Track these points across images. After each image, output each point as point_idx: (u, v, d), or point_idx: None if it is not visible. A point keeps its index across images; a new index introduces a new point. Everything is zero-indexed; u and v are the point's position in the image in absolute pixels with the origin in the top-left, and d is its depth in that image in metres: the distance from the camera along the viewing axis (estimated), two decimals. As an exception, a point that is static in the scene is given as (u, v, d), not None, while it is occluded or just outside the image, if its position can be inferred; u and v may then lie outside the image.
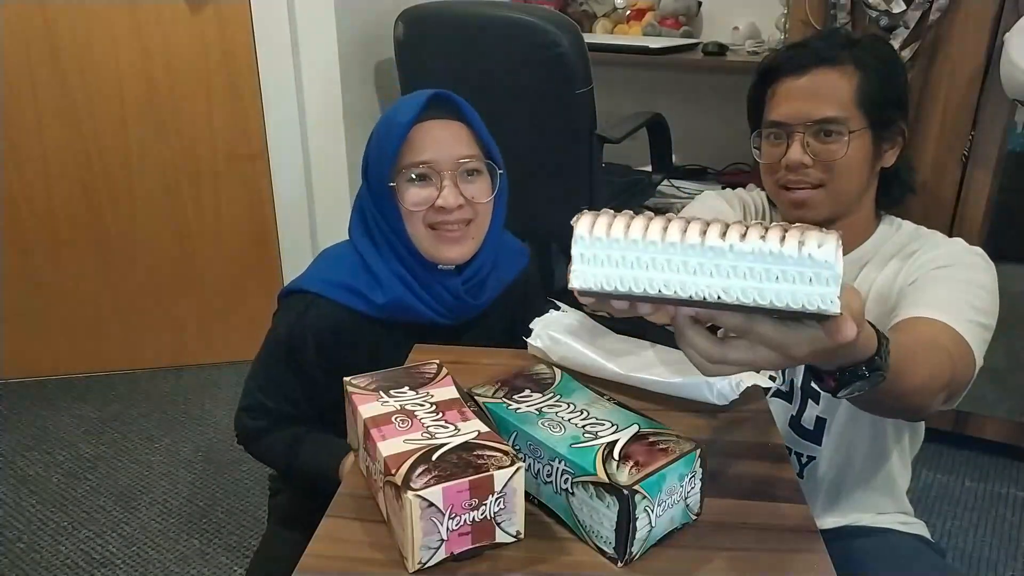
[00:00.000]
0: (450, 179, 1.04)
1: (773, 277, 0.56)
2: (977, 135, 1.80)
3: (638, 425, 0.72)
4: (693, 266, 0.57)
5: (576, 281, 0.61)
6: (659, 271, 0.58)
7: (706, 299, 0.57)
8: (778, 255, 0.55)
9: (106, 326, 2.47)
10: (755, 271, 0.56)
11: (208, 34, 2.25)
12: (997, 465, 2.09)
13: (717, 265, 0.57)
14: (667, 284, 0.58)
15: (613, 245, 0.59)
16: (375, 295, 1.07)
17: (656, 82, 2.72)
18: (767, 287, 0.56)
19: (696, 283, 0.57)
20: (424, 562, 0.65)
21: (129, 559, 1.78)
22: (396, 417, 0.73)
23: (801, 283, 0.55)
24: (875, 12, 1.79)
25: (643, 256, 0.58)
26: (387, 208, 1.07)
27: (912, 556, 1.10)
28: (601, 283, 0.60)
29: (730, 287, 0.57)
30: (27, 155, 2.26)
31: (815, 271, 0.54)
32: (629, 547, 0.66)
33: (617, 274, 0.59)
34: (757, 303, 0.56)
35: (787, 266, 0.55)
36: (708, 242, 0.56)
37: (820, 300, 0.55)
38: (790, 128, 1.06)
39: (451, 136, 1.05)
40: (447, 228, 1.06)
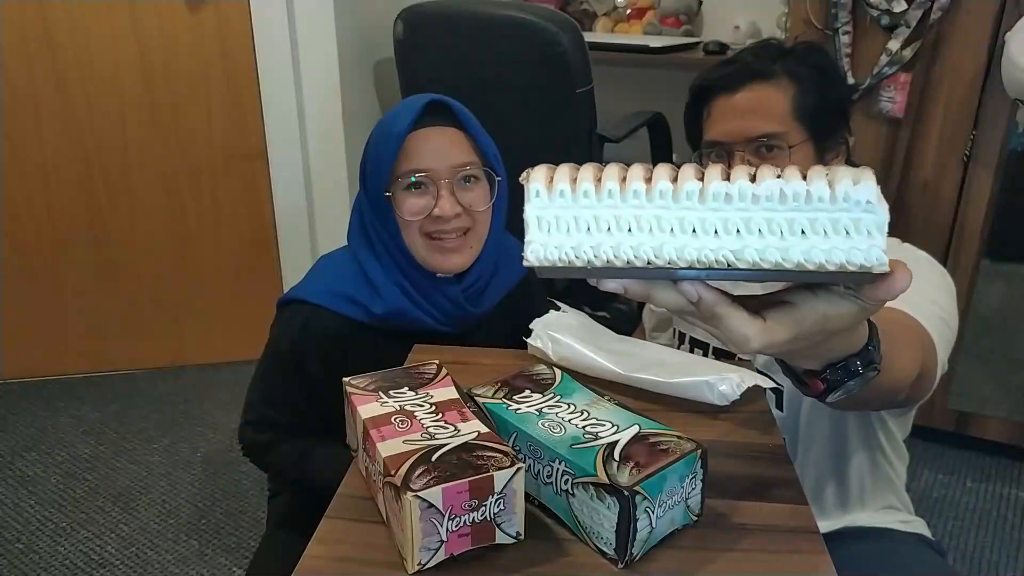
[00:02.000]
0: (447, 187, 1.03)
1: (798, 229, 0.44)
2: (978, 134, 1.80)
3: (639, 426, 0.72)
4: (692, 222, 0.45)
5: (533, 254, 0.48)
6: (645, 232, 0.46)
7: (712, 265, 0.45)
8: (804, 198, 0.43)
9: (105, 326, 2.47)
10: (774, 223, 0.44)
11: (207, 33, 2.25)
12: (998, 466, 2.08)
13: (724, 219, 0.44)
14: (659, 250, 0.46)
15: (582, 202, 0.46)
16: (374, 305, 1.06)
17: (657, 81, 2.72)
18: (792, 244, 0.44)
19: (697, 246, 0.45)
20: (424, 563, 0.65)
21: (128, 560, 1.78)
22: (395, 418, 0.73)
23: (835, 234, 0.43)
24: (876, 11, 1.78)
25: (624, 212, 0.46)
26: (385, 217, 1.05)
27: (912, 556, 1.09)
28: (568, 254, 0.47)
29: (744, 248, 0.45)
30: (26, 155, 2.26)
31: (854, 217, 0.43)
32: (630, 548, 0.65)
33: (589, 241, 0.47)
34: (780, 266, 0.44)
35: (817, 212, 0.43)
36: (709, 188, 0.44)
37: (864, 255, 0.43)
38: (729, 147, 1.05)
39: (448, 143, 1.04)
40: (445, 237, 1.05)
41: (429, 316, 1.08)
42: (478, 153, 1.06)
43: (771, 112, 1.03)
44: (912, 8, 1.75)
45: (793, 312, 0.49)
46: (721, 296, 0.49)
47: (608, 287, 0.49)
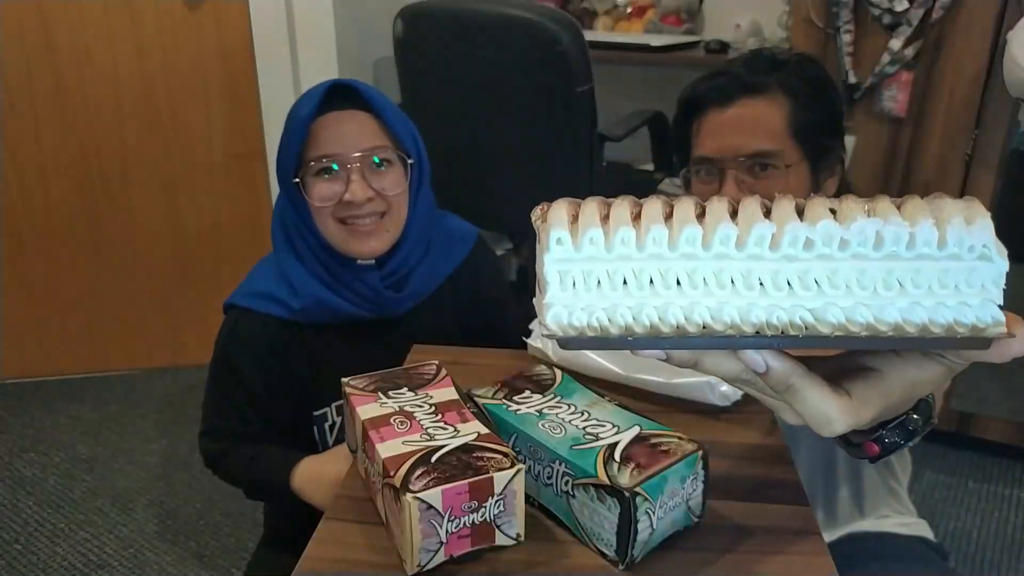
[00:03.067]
0: (357, 172, 1.01)
1: (895, 282, 0.35)
2: (980, 134, 1.80)
3: (639, 426, 0.71)
4: (760, 274, 0.35)
5: (555, 321, 0.37)
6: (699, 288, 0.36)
7: (785, 330, 0.36)
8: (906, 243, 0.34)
9: (103, 327, 2.47)
10: (866, 274, 0.35)
11: (206, 32, 2.25)
12: (1000, 466, 2.08)
13: (802, 270, 0.35)
14: (717, 311, 0.36)
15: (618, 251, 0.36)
16: (292, 300, 1.06)
17: (657, 80, 2.71)
18: (888, 301, 0.35)
19: (767, 304, 0.36)
20: (423, 565, 0.64)
21: (126, 561, 1.77)
22: (395, 418, 0.72)
23: (942, 288, 0.35)
24: (878, 10, 1.78)
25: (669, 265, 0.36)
26: (298, 205, 1.05)
27: (914, 558, 1.09)
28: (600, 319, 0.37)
29: (826, 306, 0.35)
30: (24, 155, 2.25)
31: (967, 266, 0.35)
32: (630, 550, 0.65)
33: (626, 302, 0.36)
34: (873, 328, 0.35)
35: (921, 261, 0.35)
36: (784, 231, 0.34)
37: (976, 312, 0.35)
38: (720, 164, 1.00)
39: (356, 127, 1.02)
40: (358, 222, 1.03)
41: (351, 304, 1.06)
42: (390, 136, 1.04)
43: (765, 129, 0.98)
44: (914, 7, 1.75)
45: (880, 383, 0.41)
46: (796, 365, 0.40)
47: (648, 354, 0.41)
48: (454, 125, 1.98)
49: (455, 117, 1.97)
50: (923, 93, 1.82)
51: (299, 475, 1.02)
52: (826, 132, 1.02)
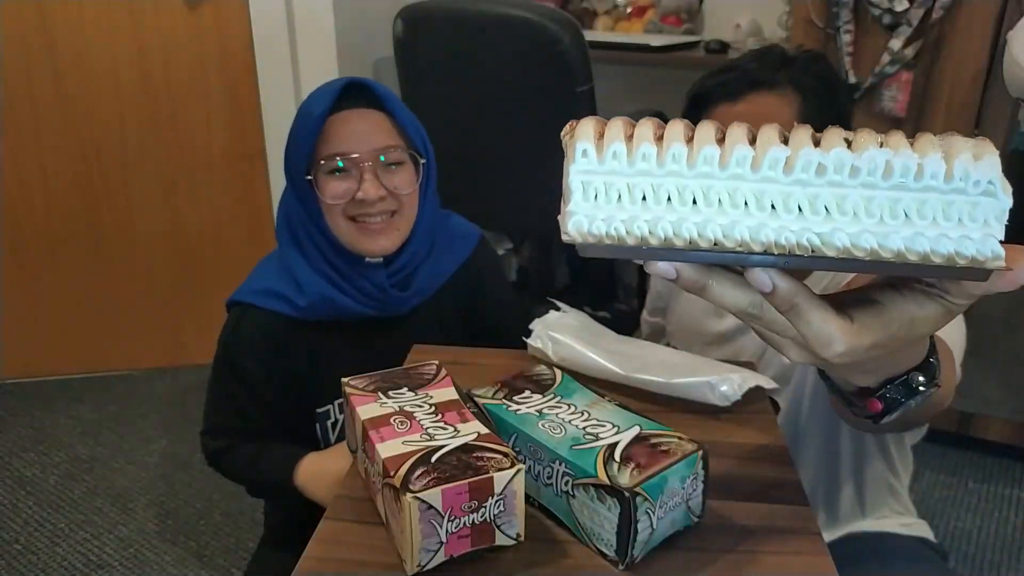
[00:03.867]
0: (370, 171, 1.01)
1: (901, 212, 0.37)
2: (980, 134, 1.79)
3: (640, 426, 0.71)
4: (772, 196, 0.37)
5: (575, 227, 0.39)
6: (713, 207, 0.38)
7: (792, 250, 0.37)
8: (913, 174, 0.36)
9: (103, 327, 2.47)
10: (874, 202, 0.37)
11: (206, 32, 2.24)
12: (1001, 466, 2.08)
13: (813, 195, 0.37)
14: (729, 228, 0.38)
15: (639, 166, 0.38)
16: (298, 298, 1.05)
17: (657, 80, 2.71)
18: (893, 229, 0.36)
19: (777, 225, 0.37)
20: (423, 565, 0.64)
21: (126, 561, 1.77)
22: (395, 418, 0.72)
23: (946, 220, 0.36)
24: (878, 10, 1.78)
25: (686, 183, 0.38)
26: (309, 203, 1.04)
27: (914, 559, 1.09)
28: (618, 229, 0.39)
29: (833, 231, 0.37)
30: (24, 154, 2.25)
31: (971, 200, 0.36)
32: (630, 550, 0.65)
33: (644, 215, 0.38)
34: (876, 254, 0.37)
35: (927, 192, 0.36)
36: (798, 156, 0.36)
37: (977, 246, 0.36)
38: None
39: (369, 126, 1.02)
40: (369, 220, 1.03)
41: (356, 302, 1.06)
42: (402, 136, 1.05)
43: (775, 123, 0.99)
44: (914, 7, 1.75)
45: (881, 313, 0.42)
46: (801, 286, 0.41)
47: (658, 270, 0.41)
48: (454, 125, 1.98)
49: (455, 117, 1.97)
50: (923, 93, 1.82)
51: (302, 472, 1.02)
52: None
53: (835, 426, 1.06)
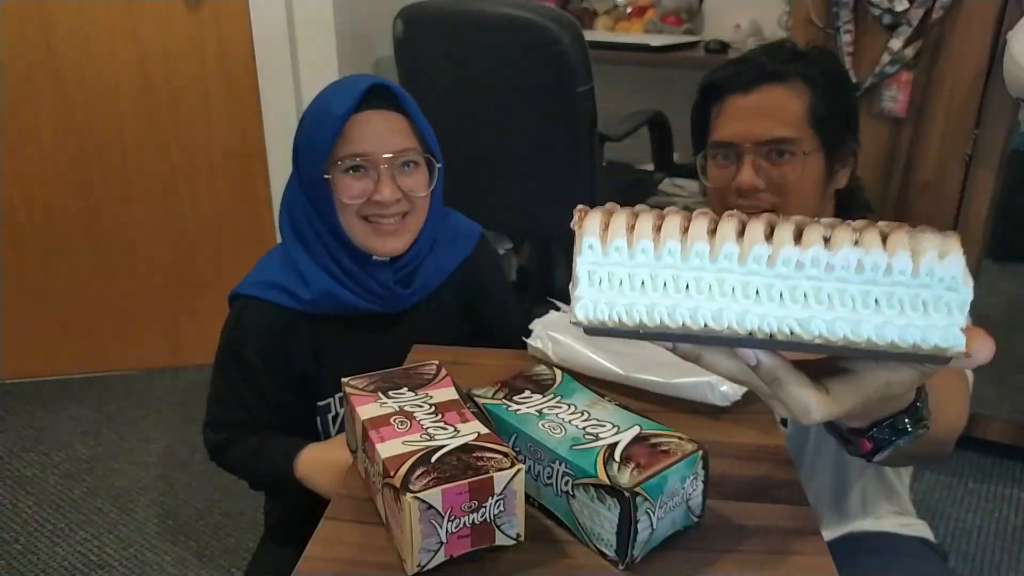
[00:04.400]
0: (387, 172, 1.01)
1: (872, 302, 0.40)
2: (980, 134, 1.79)
3: (639, 426, 0.71)
4: (756, 286, 0.41)
5: (582, 311, 0.44)
6: (704, 294, 0.42)
7: (774, 335, 0.42)
8: (883, 271, 0.40)
9: (103, 327, 2.47)
10: (847, 294, 0.41)
11: (206, 32, 2.24)
12: (1000, 466, 2.08)
13: (792, 286, 0.41)
14: (718, 314, 0.42)
15: (639, 259, 0.43)
16: (302, 291, 1.06)
17: (657, 80, 2.71)
18: (864, 318, 0.40)
19: (760, 312, 0.42)
20: (423, 565, 0.64)
21: (126, 561, 1.77)
22: (395, 418, 0.72)
23: (913, 311, 0.40)
24: (878, 10, 1.78)
25: (683, 273, 0.42)
26: (320, 199, 1.04)
27: (914, 559, 1.09)
28: (618, 314, 0.44)
29: (811, 318, 0.41)
30: (24, 155, 2.25)
31: (935, 294, 0.40)
32: (630, 550, 0.65)
33: (643, 301, 0.43)
34: (849, 341, 0.41)
35: (896, 286, 0.40)
36: (779, 253, 0.41)
37: (941, 335, 0.40)
38: (739, 148, 1.01)
39: (389, 128, 1.02)
40: (383, 221, 1.04)
41: (360, 298, 1.07)
42: (418, 139, 1.05)
43: (785, 115, 0.99)
44: (914, 7, 1.74)
45: (855, 381, 0.47)
46: (782, 361, 0.46)
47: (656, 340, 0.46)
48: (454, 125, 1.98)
49: (455, 117, 1.97)
50: (923, 93, 1.81)
51: (302, 463, 1.02)
52: (842, 124, 1.02)
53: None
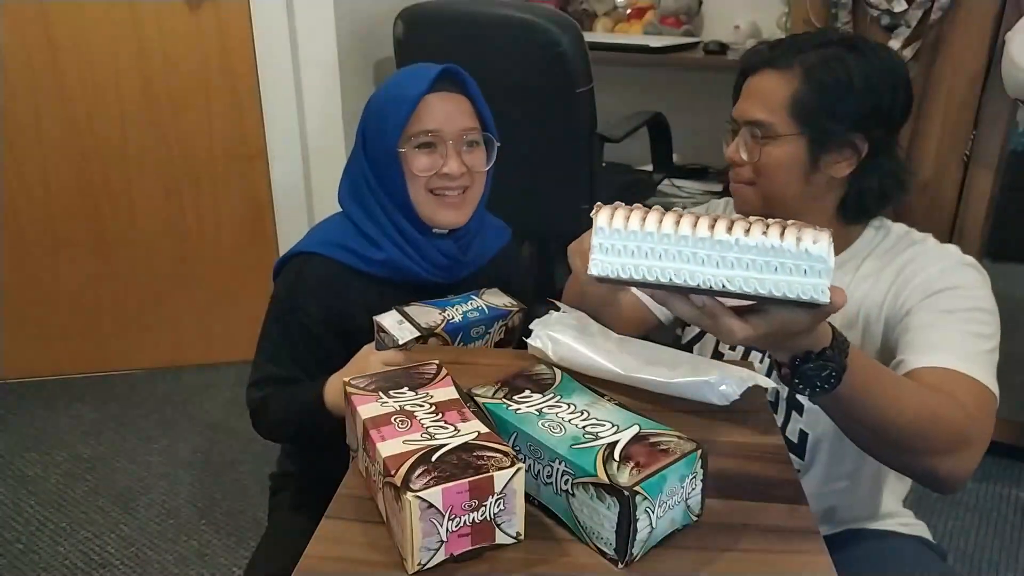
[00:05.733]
0: (454, 148, 1.11)
1: (772, 268, 0.62)
2: (979, 134, 1.80)
3: (639, 426, 0.72)
4: (702, 257, 0.64)
5: (595, 268, 0.67)
6: (671, 261, 0.65)
7: (712, 287, 0.64)
8: (778, 249, 0.62)
9: (104, 326, 2.47)
10: (756, 263, 0.63)
11: (207, 33, 2.25)
12: (999, 466, 2.08)
13: (723, 257, 0.63)
14: (677, 273, 0.65)
15: (630, 236, 0.65)
16: (372, 252, 1.13)
17: (657, 81, 2.72)
18: (766, 278, 0.63)
19: (704, 273, 0.64)
20: (424, 563, 0.65)
21: (128, 560, 1.78)
22: (395, 418, 0.73)
23: (796, 275, 0.62)
24: (876, 11, 1.78)
25: (657, 247, 0.65)
26: (391, 173, 1.12)
27: (913, 558, 1.09)
28: (618, 271, 0.67)
29: (734, 277, 0.63)
30: (26, 155, 2.26)
31: (809, 264, 0.61)
32: (630, 548, 0.65)
33: (633, 263, 0.66)
34: (757, 292, 0.63)
35: (785, 259, 0.62)
36: (716, 236, 0.63)
37: (813, 291, 0.62)
38: (734, 126, 1.10)
39: (456, 109, 1.12)
40: (448, 194, 1.13)
41: (421, 268, 1.15)
42: (480, 120, 1.16)
43: (766, 100, 1.05)
44: (912, 8, 1.75)
45: (765, 316, 0.68)
46: (717, 303, 0.69)
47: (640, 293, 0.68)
48: (454, 126, 1.99)
49: (455, 118, 1.97)
50: (922, 94, 1.82)
51: (331, 391, 1.05)
52: (831, 118, 1.03)
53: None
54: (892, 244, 1.09)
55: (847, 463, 1.11)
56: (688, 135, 2.51)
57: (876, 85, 1.03)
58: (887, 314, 1.04)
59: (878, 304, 1.05)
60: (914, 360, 0.95)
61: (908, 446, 0.87)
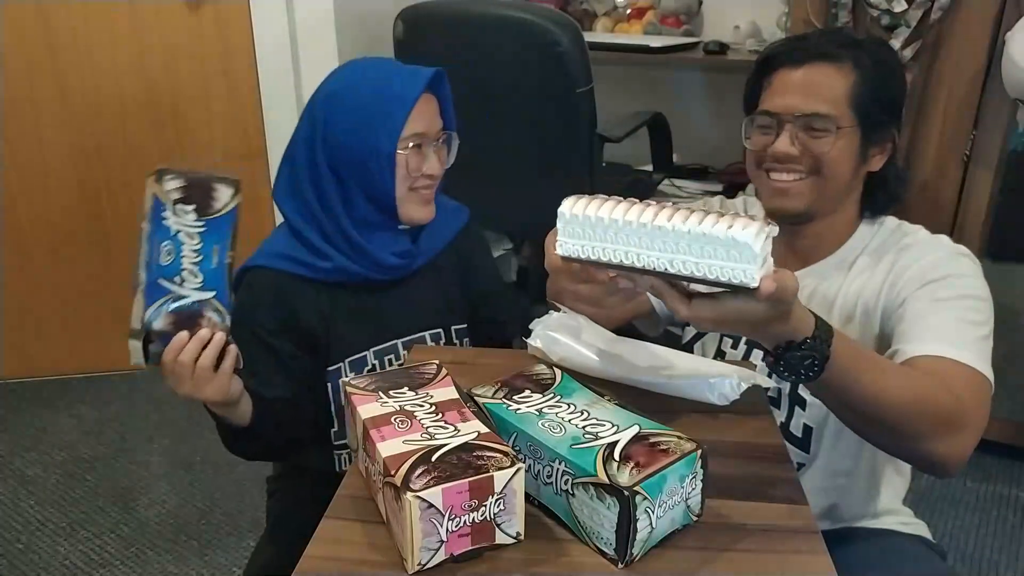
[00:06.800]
0: (434, 148, 1.14)
1: (706, 254, 0.67)
2: (978, 134, 1.80)
3: (639, 426, 0.72)
4: (646, 242, 0.70)
5: (560, 249, 0.76)
6: (622, 244, 0.71)
7: (655, 268, 0.70)
8: (709, 235, 0.67)
9: (105, 326, 2.46)
10: (692, 247, 0.68)
11: (207, 33, 2.25)
12: (999, 466, 2.08)
13: (664, 241, 0.69)
14: (627, 255, 0.71)
15: (586, 222, 0.73)
16: (318, 261, 1.12)
17: (657, 81, 2.72)
18: (701, 261, 0.68)
19: (649, 255, 0.70)
20: (424, 563, 0.65)
21: (128, 560, 1.78)
22: (395, 418, 0.73)
23: (728, 260, 0.67)
24: (877, 11, 1.78)
25: (609, 231, 0.72)
26: (378, 174, 1.10)
27: (913, 558, 1.09)
28: (578, 252, 0.74)
29: (674, 260, 0.69)
30: (26, 155, 2.26)
31: (738, 250, 0.66)
32: (630, 548, 0.65)
33: (591, 245, 0.73)
34: (693, 274, 0.69)
35: (716, 245, 0.66)
36: (657, 222, 0.69)
37: (742, 275, 0.66)
38: (780, 119, 1.07)
39: (432, 110, 1.15)
40: (423, 192, 1.14)
41: (370, 271, 1.14)
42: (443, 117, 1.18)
43: (827, 93, 1.04)
44: (912, 8, 1.75)
45: (712, 301, 0.72)
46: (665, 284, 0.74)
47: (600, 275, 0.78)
48: (454, 126, 1.99)
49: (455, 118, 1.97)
50: (922, 94, 1.82)
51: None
52: (883, 110, 1.07)
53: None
54: (886, 237, 1.11)
55: (848, 457, 1.11)
56: (688, 135, 2.51)
57: (903, 76, 1.10)
58: (884, 305, 1.05)
59: (875, 296, 1.06)
60: (909, 349, 0.96)
61: (898, 430, 0.88)
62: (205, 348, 0.94)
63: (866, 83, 1.04)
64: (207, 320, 0.93)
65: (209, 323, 0.93)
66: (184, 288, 0.92)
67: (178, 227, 0.92)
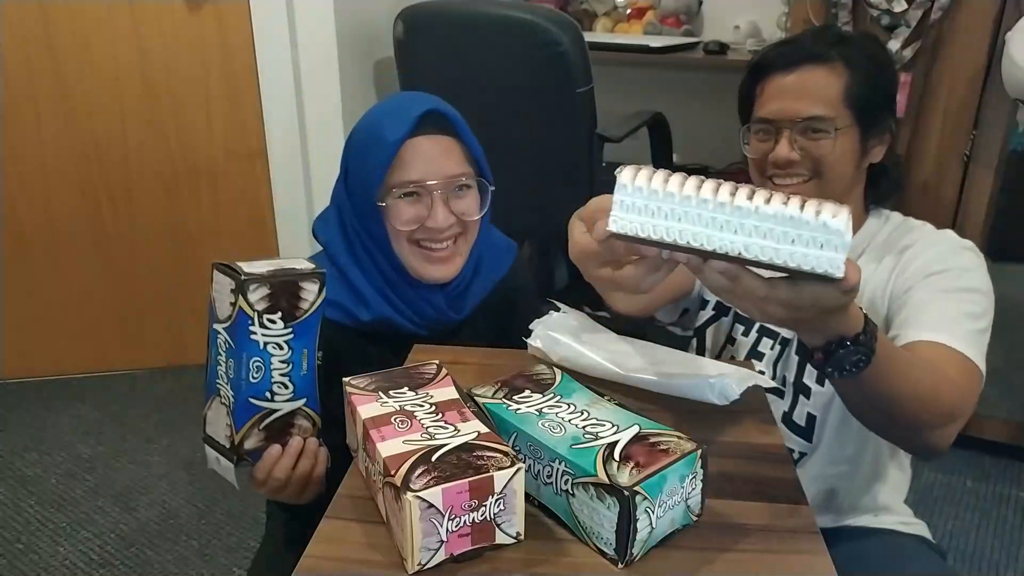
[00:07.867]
0: (440, 198, 1.01)
1: (789, 239, 0.61)
2: (978, 135, 1.80)
3: (639, 425, 0.72)
4: (720, 222, 0.62)
5: (614, 225, 0.66)
6: (690, 224, 0.63)
7: (728, 253, 0.63)
8: (797, 220, 0.60)
9: (104, 326, 2.47)
10: (774, 232, 0.61)
11: (207, 33, 2.25)
12: (999, 466, 2.08)
13: (742, 224, 0.62)
14: (695, 236, 0.63)
15: (652, 196, 0.64)
16: (360, 312, 1.04)
17: (657, 81, 2.72)
18: (783, 248, 0.61)
19: (721, 238, 0.62)
20: (424, 563, 0.65)
21: (128, 560, 1.78)
22: (395, 418, 0.73)
23: (813, 247, 0.60)
24: (876, 11, 1.78)
25: (677, 209, 0.63)
26: (372, 224, 1.03)
27: (913, 557, 1.10)
28: (636, 229, 0.65)
29: (751, 245, 0.62)
30: (26, 155, 2.26)
31: (827, 237, 0.60)
32: (630, 548, 0.65)
33: (652, 223, 0.65)
34: (772, 261, 0.62)
35: (803, 230, 0.60)
36: (736, 202, 0.62)
37: (828, 264, 0.61)
38: (778, 125, 1.07)
39: (441, 153, 1.01)
40: (435, 247, 1.03)
41: (411, 323, 1.06)
42: (471, 162, 1.04)
43: (822, 95, 1.05)
44: (912, 8, 1.75)
45: (792, 285, 0.65)
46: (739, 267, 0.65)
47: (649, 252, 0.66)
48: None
49: (455, 118, 1.98)
50: (922, 94, 1.82)
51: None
52: (879, 104, 1.08)
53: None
54: (892, 230, 1.13)
55: (849, 446, 1.12)
56: (688, 135, 2.51)
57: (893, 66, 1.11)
58: (890, 296, 1.06)
59: (882, 287, 1.07)
60: (909, 334, 0.97)
61: (912, 421, 0.87)
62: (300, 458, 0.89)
63: (859, 79, 1.05)
64: (298, 428, 0.88)
65: (300, 430, 0.88)
66: (275, 402, 0.86)
67: (266, 339, 0.83)
